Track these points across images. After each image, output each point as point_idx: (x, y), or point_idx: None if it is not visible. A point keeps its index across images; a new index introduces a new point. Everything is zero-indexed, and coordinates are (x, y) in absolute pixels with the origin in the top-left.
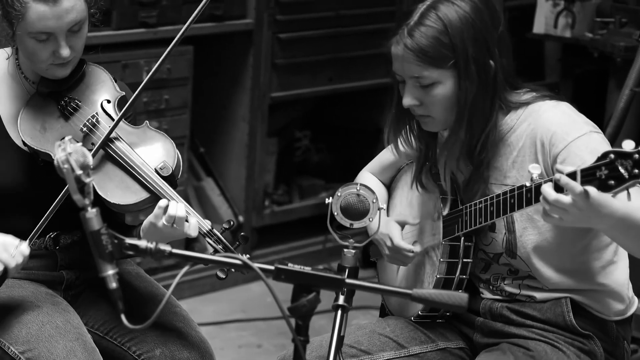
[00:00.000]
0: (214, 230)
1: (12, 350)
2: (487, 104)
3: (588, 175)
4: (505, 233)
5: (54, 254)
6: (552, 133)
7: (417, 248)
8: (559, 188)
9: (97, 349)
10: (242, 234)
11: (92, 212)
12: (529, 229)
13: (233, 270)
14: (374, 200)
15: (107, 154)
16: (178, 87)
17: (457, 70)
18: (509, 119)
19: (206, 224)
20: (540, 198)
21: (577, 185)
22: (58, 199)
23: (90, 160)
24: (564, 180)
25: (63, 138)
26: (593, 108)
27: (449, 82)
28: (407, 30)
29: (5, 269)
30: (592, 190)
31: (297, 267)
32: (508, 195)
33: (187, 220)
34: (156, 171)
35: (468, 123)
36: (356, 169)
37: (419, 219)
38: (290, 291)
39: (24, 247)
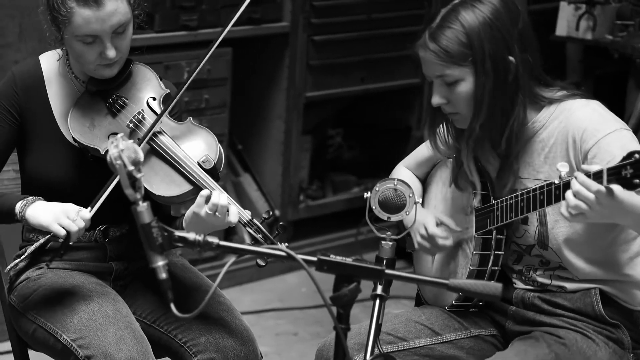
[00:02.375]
0: (254, 220)
1: (64, 338)
2: (507, 98)
3: (614, 174)
4: (537, 225)
5: (103, 246)
6: (583, 130)
7: (449, 241)
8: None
9: (145, 337)
10: (281, 223)
11: (143, 206)
12: (561, 222)
13: (273, 259)
14: (411, 195)
15: (152, 148)
16: (217, 87)
17: (475, 66)
18: (541, 116)
19: (246, 214)
20: (567, 193)
21: (593, 184)
22: (110, 180)
23: (142, 157)
24: (581, 178)
25: (115, 134)
26: (613, 107)
27: (470, 79)
28: (430, 33)
29: (68, 234)
30: (616, 188)
31: (338, 258)
32: (538, 191)
33: (227, 210)
34: (199, 164)
35: (487, 117)
36: (386, 165)
37: (453, 213)
38: (322, 280)
39: (85, 212)
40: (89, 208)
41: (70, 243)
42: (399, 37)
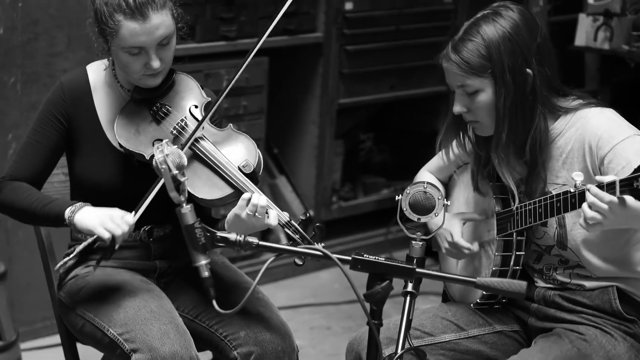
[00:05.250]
0: (292, 222)
1: (111, 332)
2: (526, 108)
3: (626, 185)
4: (556, 227)
5: (148, 245)
6: (598, 137)
7: (475, 247)
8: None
9: (188, 331)
10: (317, 224)
11: (187, 208)
12: (578, 224)
13: (310, 257)
14: (439, 197)
15: (195, 154)
16: (255, 95)
17: (494, 78)
18: (558, 124)
19: (285, 216)
20: (583, 205)
21: (605, 195)
22: (154, 185)
23: (185, 161)
24: (594, 190)
25: (159, 140)
26: (629, 114)
27: (490, 90)
28: (452, 45)
29: (113, 237)
30: (628, 198)
31: (372, 258)
32: (555, 199)
33: (266, 212)
34: (239, 169)
35: (510, 126)
36: (414, 168)
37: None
38: (354, 278)
39: (129, 217)
40: (133, 212)
41: (116, 247)
42: (426, 47)
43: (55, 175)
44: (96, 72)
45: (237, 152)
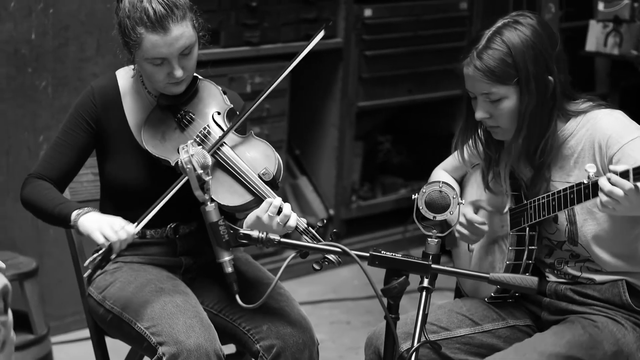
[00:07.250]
0: (309, 228)
1: (138, 326)
2: (545, 114)
3: (639, 173)
4: (567, 224)
5: (173, 241)
6: (608, 137)
7: (485, 227)
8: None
9: (212, 325)
10: (334, 230)
11: (211, 206)
12: (589, 220)
13: (327, 263)
14: (454, 196)
15: (217, 161)
16: (277, 98)
17: (520, 86)
18: (569, 125)
19: (302, 222)
20: (599, 191)
21: (626, 183)
22: (170, 188)
23: (210, 161)
24: (614, 178)
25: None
26: (637, 116)
27: (514, 97)
28: (477, 54)
29: (110, 246)
30: None
31: (389, 254)
32: (568, 191)
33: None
34: (259, 176)
35: (527, 131)
36: (431, 168)
37: (489, 212)
38: (372, 274)
39: (130, 227)
40: (136, 224)
41: (112, 256)
42: (442, 52)
43: (85, 175)
44: (125, 77)
45: (257, 159)
